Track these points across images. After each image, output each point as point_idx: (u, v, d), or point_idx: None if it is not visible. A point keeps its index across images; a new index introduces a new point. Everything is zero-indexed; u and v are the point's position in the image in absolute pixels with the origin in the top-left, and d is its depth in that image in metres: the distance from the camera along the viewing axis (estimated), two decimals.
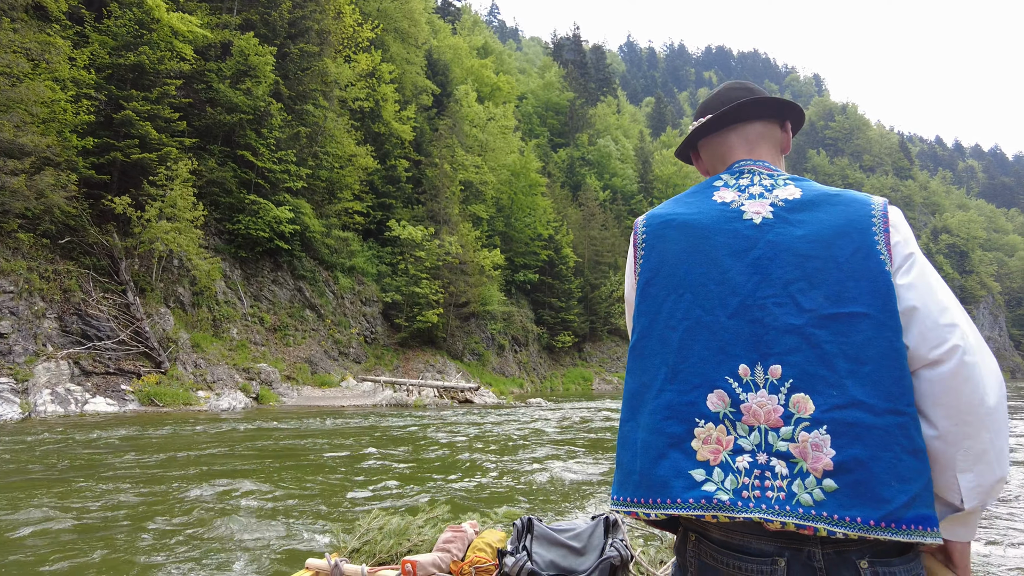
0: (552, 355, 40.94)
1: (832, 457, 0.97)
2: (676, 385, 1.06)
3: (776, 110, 1.28)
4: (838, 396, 0.99)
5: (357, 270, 28.40)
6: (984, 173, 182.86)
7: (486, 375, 31.86)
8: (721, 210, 1.16)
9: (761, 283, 1.08)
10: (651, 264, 1.17)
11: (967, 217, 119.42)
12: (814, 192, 1.14)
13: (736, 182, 1.21)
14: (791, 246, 1.09)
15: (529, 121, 61.03)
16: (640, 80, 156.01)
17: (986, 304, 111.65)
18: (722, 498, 0.99)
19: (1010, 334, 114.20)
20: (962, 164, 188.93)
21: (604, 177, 59.79)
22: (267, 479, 6.96)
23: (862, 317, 1.02)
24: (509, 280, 39.17)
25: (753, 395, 1.03)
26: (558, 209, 45.71)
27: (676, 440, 1.04)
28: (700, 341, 1.07)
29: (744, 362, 1.04)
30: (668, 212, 1.20)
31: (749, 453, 1.01)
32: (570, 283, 42.45)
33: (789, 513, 0.96)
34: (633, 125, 75.65)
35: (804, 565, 0.97)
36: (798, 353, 1.02)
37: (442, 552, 2.41)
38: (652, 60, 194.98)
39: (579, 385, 39.10)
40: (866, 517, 0.94)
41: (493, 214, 38.84)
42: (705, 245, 1.13)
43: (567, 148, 61.58)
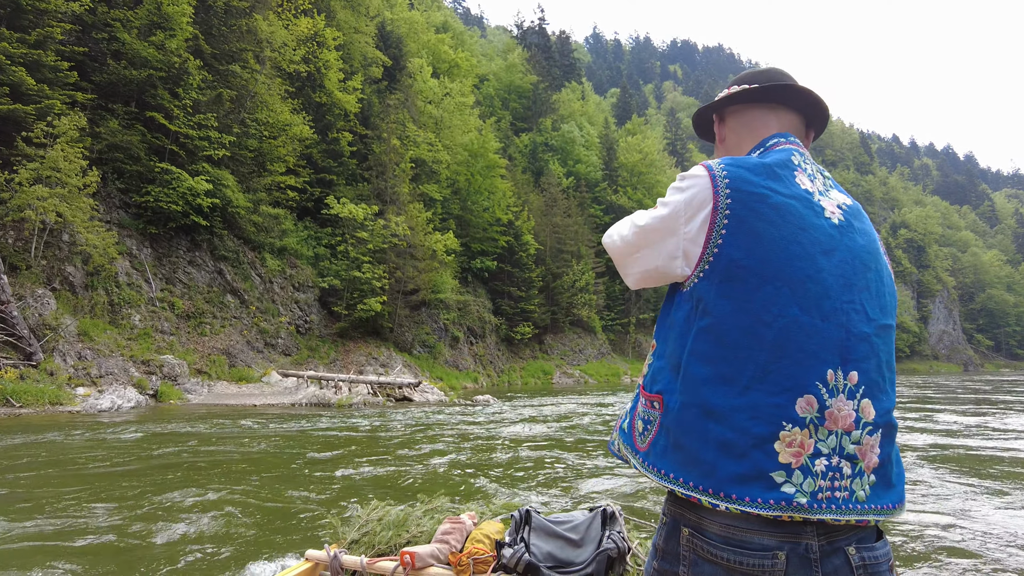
0: (511, 347, 38.47)
1: (878, 455, 1.08)
2: (766, 386, 1.04)
3: (813, 112, 1.29)
4: (886, 401, 1.10)
5: (289, 251, 25.43)
6: (938, 171, 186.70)
7: (437, 369, 29.23)
8: (808, 200, 1.13)
9: (845, 288, 1.10)
10: (741, 241, 1.09)
11: (924, 213, 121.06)
12: (854, 202, 1.20)
13: (805, 166, 1.19)
14: (859, 255, 1.13)
15: (490, 104, 58.29)
16: (606, 71, 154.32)
17: (941, 298, 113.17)
18: (801, 501, 1.01)
19: (963, 328, 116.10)
20: (917, 162, 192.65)
21: (568, 163, 57.48)
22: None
23: (893, 329, 1.13)
24: (465, 267, 36.52)
25: (835, 400, 1.05)
26: (519, 194, 43.19)
27: (760, 441, 1.03)
28: (795, 342, 1.05)
29: (831, 367, 1.06)
30: (762, 183, 1.12)
31: (826, 456, 1.04)
32: (531, 271, 40.00)
33: (851, 511, 1.03)
34: (598, 112, 73.46)
35: (801, 557, 1.01)
36: (868, 361, 1.08)
37: (441, 543, 2.40)
38: (618, 52, 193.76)
39: (539, 379, 36.73)
40: (893, 502, 1.08)
41: (448, 196, 36.10)
42: (803, 237, 1.09)
43: (530, 133, 59.07)
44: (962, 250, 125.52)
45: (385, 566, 2.36)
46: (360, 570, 2.39)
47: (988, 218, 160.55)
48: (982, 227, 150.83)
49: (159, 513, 5.13)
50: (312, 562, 2.47)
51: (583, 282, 44.49)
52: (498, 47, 74.07)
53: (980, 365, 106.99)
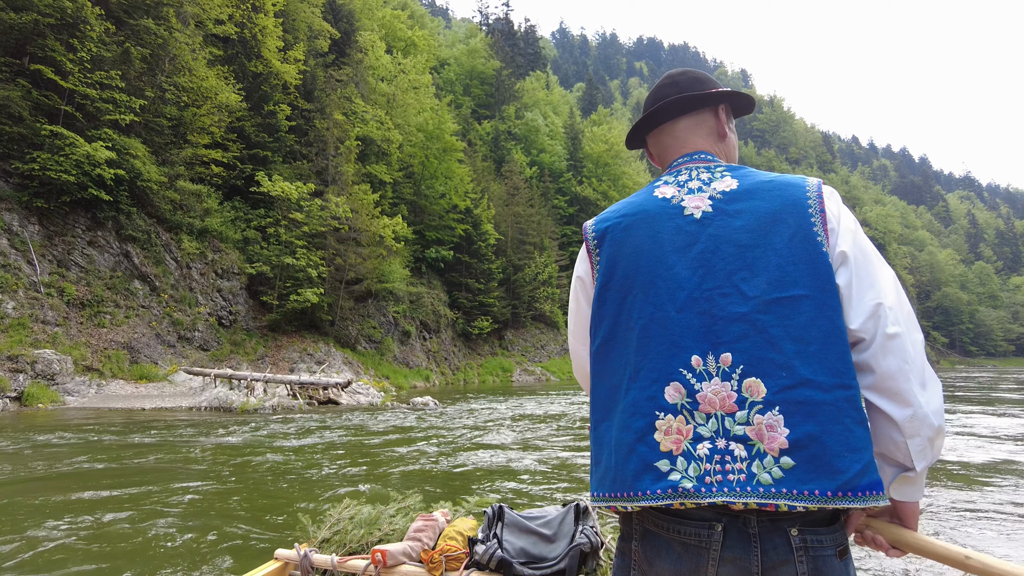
0: (468, 343, 35.94)
1: (787, 436, 1.02)
2: (638, 383, 1.10)
3: (697, 104, 1.30)
4: (787, 377, 1.04)
5: (212, 233, 22.44)
6: (895, 172, 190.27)
7: (384, 366, 26.57)
8: (663, 207, 1.19)
9: (706, 276, 1.11)
10: (604, 269, 1.20)
11: (884, 211, 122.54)
12: (750, 181, 1.19)
13: (675, 179, 1.24)
14: (731, 237, 1.13)
15: (451, 89, 55.64)
16: (572, 66, 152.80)
17: None
18: (687, 486, 1.02)
19: (920, 326, 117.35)
20: (876, 162, 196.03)
21: (532, 153, 55.19)
22: None
23: (804, 299, 1.07)
24: (419, 257, 33.85)
25: (707, 384, 1.07)
26: (479, 181, 40.68)
27: (641, 434, 1.07)
28: (655, 338, 1.11)
29: (696, 353, 1.08)
30: (614, 216, 1.24)
31: (708, 440, 1.05)
32: (490, 263, 37.51)
33: (750, 494, 1.00)
34: (563, 103, 71.29)
35: (740, 531, 1.01)
36: (746, 340, 1.07)
37: (413, 541, 2.38)
38: (584, 48, 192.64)
39: (498, 377, 34.29)
40: (824, 489, 0.99)
41: (399, 179, 33.36)
42: (650, 244, 1.16)
43: (492, 120, 56.60)
44: (919, 249, 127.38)
45: (356, 564, 2.32)
46: (331, 569, 2.34)
47: (942, 218, 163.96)
48: (937, 227, 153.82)
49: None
50: (281, 561, 2.42)
51: (546, 275, 42.20)
52: (460, 35, 71.30)
53: (936, 362, 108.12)
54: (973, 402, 16.78)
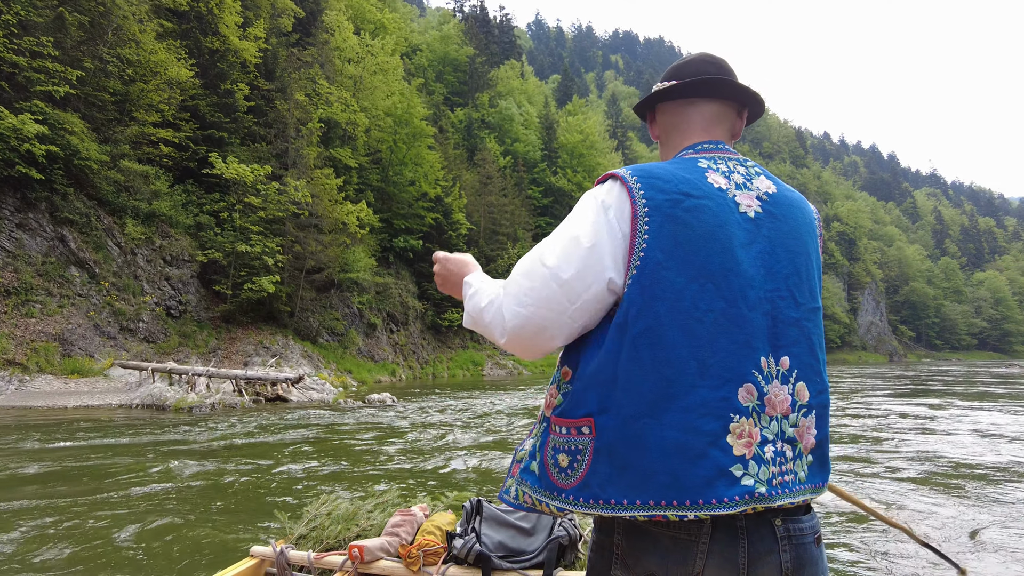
0: (438, 336, 34.77)
1: (815, 436, 1.10)
2: (708, 380, 1.03)
3: (736, 95, 1.29)
4: (819, 383, 1.12)
5: (161, 218, 20.93)
6: (865, 168, 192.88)
7: (347, 360, 25.31)
8: (721, 197, 1.14)
9: (767, 277, 1.11)
10: (663, 244, 1.09)
11: (855, 207, 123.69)
12: (781, 186, 1.21)
13: (718, 166, 1.19)
14: (783, 242, 1.14)
15: (423, 75, 54.13)
16: (547, 58, 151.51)
17: (870, 290, 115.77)
18: (761, 491, 1.01)
19: (888, 319, 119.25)
20: (847, 159, 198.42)
21: (505, 142, 53.96)
22: None
23: (820, 311, 1.16)
24: (386, 246, 32.52)
25: (771, 386, 1.07)
26: (450, 169, 39.42)
27: (714, 438, 1.01)
28: (726, 334, 1.06)
29: (763, 355, 1.07)
30: (671, 188, 1.12)
31: (771, 443, 1.05)
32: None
33: (797, 493, 1.05)
34: (538, 93, 70.10)
35: (727, 524, 1.01)
36: (798, 345, 1.10)
37: (390, 536, 2.36)
38: (560, 39, 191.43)
39: (468, 371, 33.21)
40: (824, 481, 1.12)
41: (366, 164, 31.97)
42: (720, 234, 1.11)
43: (465, 108, 55.23)
44: (888, 244, 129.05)
45: (333, 560, 2.30)
46: (307, 565, 2.31)
47: (910, 214, 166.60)
48: (905, 223, 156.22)
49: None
50: (257, 558, 2.38)
51: None
52: (434, 21, 69.67)
53: (904, 355, 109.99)
54: (968, 397, 16.19)
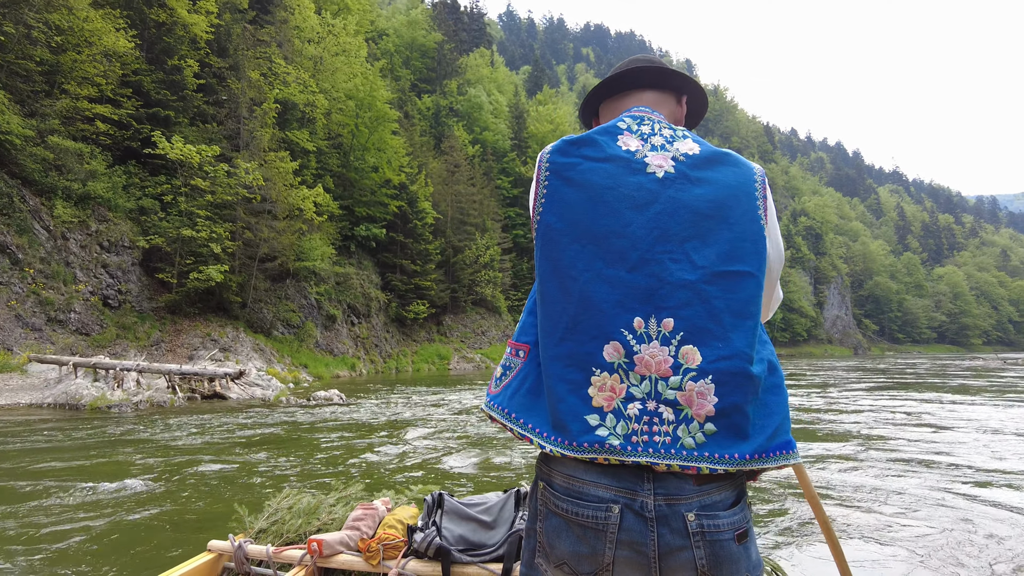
0: (403, 329, 33.53)
1: (715, 404, 1.04)
2: (576, 335, 1.08)
3: (672, 83, 1.31)
4: (723, 348, 1.06)
5: (97, 200, 19.35)
6: (831, 164, 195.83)
7: (303, 354, 23.98)
8: (626, 160, 1.16)
9: (660, 238, 1.10)
10: (555, 207, 1.16)
11: (822, 202, 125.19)
12: (710, 149, 1.18)
13: (639, 128, 1.21)
14: (690, 203, 1.12)
15: (390, 61, 52.54)
16: (518, 49, 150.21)
17: (835, 284, 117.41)
18: (613, 443, 1.02)
19: (853, 313, 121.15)
20: (814, 155, 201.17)
21: (474, 130, 52.72)
22: None
23: (748, 276, 1.10)
24: (347, 234, 31.13)
25: (646, 346, 1.06)
26: (416, 156, 38.09)
27: (576, 386, 1.07)
28: (600, 293, 1.08)
29: (639, 315, 1.07)
30: (575, 152, 1.18)
31: (640, 401, 1.05)
32: (428, 243, 35.09)
33: (674, 456, 1.02)
34: (508, 82, 68.89)
35: (636, 514, 1.01)
36: (689, 308, 1.07)
37: (351, 530, 2.34)
38: (531, 31, 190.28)
39: (434, 365, 32.06)
40: (741, 453, 1.03)
41: (325, 147, 30.51)
42: (609, 196, 1.13)
43: (433, 95, 53.80)
44: (853, 239, 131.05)
45: (292, 554, 2.28)
46: (266, 559, 2.29)
47: (874, 210, 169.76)
48: (869, 218, 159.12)
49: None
50: (215, 553, 2.36)
51: (487, 257, 40.04)
52: (401, 7, 67.90)
53: (867, 349, 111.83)
54: (958, 391, 15.64)
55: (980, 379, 20.85)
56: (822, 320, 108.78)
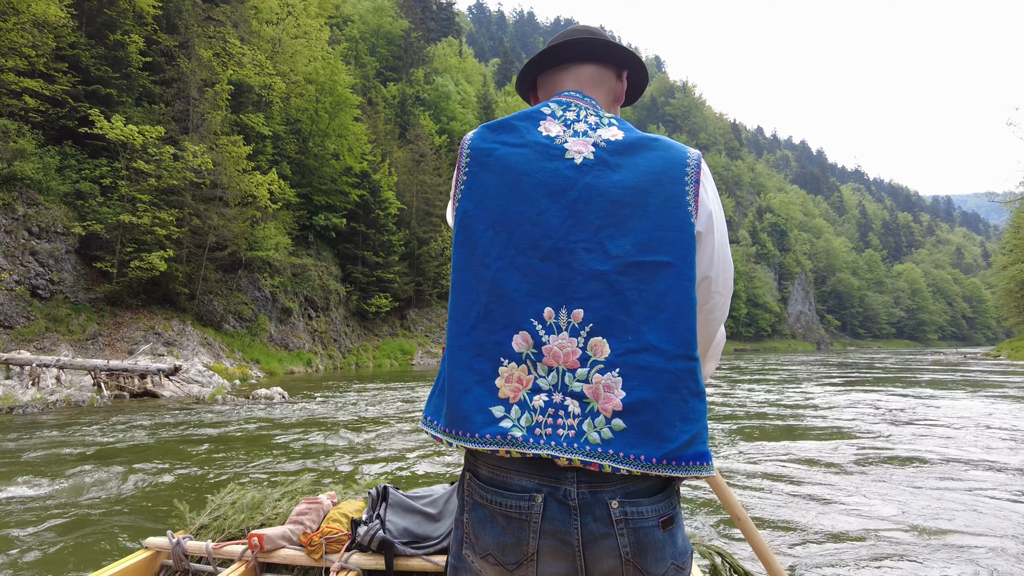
0: (364, 323, 32.40)
1: (622, 399, 0.99)
2: (487, 324, 1.06)
3: (612, 56, 1.26)
4: (633, 341, 1.01)
5: (25, 182, 17.90)
6: (796, 162, 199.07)
7: (255, 349, 22.79)
8: (545, 146, 1.13)
9: (574, 227, 1.07)
10: (472, 193, 1.12)
11: (787, 199, 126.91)
12: (635, 136, 1.14)
13: (563, 114, 1.17)
14: (607, 191, 1.09)
15: (355, 47, 51.06)
16: (488, 41, 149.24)
17: (800, 280, 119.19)
18: (516, 434, 0.99)
19: (816, 309, 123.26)
20: (779, 153, 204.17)
21: (442, 120, 51.63)
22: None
23: (665, 266, 1.04)
24: (305, 224, 29.85)
25: (555, 337, 1.03)
26: (380, 144, 36.90)
27: (483, 377, 1.04)
28: (512, 282, 1.06)
29: (550, 305, 1.05)
30: (494, 139, 1.15)
31: (546, 392, 1.02)
32: (391, 234, 33.97)
33: (576, 450, 0.98)
34: (477, 73, 67.80)
35: (560, 503, 0.98)
36: (600, 299, 1.04)
37: (295, 524, 2.31)
38: (501, 24, 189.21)
39: (396, 360, 31.04)
40: (649, 455, 0.97)
41: (283, 133, 29.19)
42: (525, 183, 1.10)
43: (399, 84, 52.50)
44: (817, 236, 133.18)
45: (233, 550, 2.23)
46: (206, 555, 2.24)
47: (837, 208, 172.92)
48: (832, 216, 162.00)
49: None
50: (152, 551, 2.29)
51: None
52: None
53: (830, 344, 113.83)
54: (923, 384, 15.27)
55: (952, 374, 20.73)
56: (786, 316, 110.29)
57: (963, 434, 8.05)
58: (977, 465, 6.21)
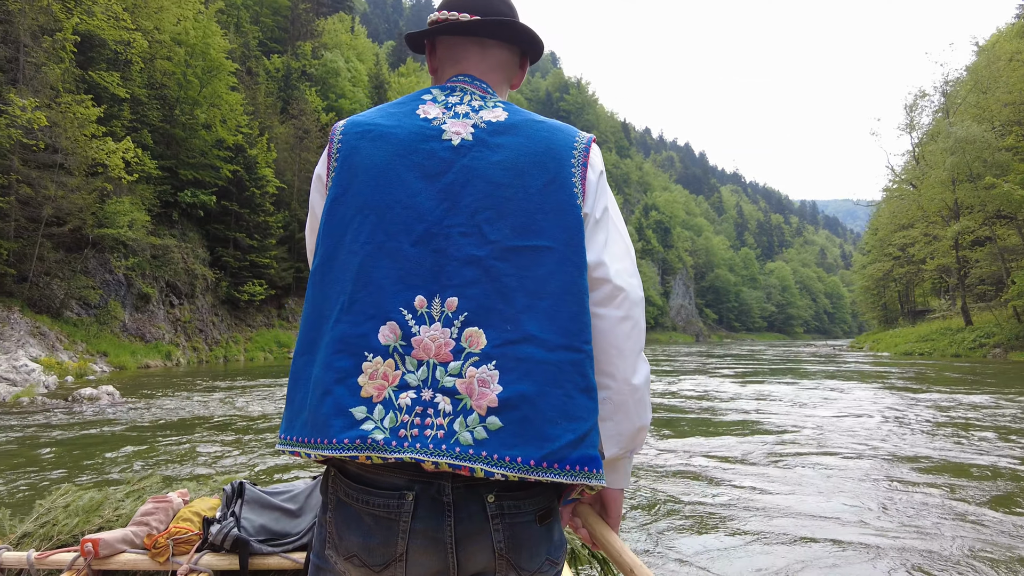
0: (235, 312, 29.67)
1: (498, 393, 0.91)
2: (351, 316, 0.96)
3: (523, 41, 1.20)
4: (512, 331, 0.94)
5: None
6: (680, 163, 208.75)
7: (104, 340, 19.97)
8: (421, 127, 1.06)
9: (450, 210, 1.00)
10: (342, 179, 1.04)
11: (671, 198, 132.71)
12: (520, 116, 1.09)
13: (445, 98, 1.12)
14: (485, 172, 1.02)
15: (236, 15, 47.12)
16: (383, 23, 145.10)
17: (681, 276, 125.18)
18: (377, 437, 0.89)
19: (696, 303, 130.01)
20: (665, 153, 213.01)
21: (330, 97, 48.72)
22: None
23: (546, 251, 0.98)
24: (168, 200, 26.73)
25: (426, 328, 0.95)
26: (259, 117, 34.01)
27: (343, 375, 0.94)
28: (380, 269, 0.97)
29: (422, 293, 0.97)
30: (367, 121, 1.08)
31: (414, 389, 0.93)
32: (268, 215, 31.31)
33: (445, 453, 0.89)
34: (369, 51, 64.95)
35: (433, 499, 0.91)
36: (477, 286, 0.97)
37: (138, 526, 2.08)
38: (398, 8, 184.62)
39: (271, 353, 28.68)
40: (527, 456, 0.89)
41: (144, 97, 25.99)
42: (398, 164, 1.03)
43: (283, 57, 49.05)
44: (698, 234, 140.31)
45: (61, 559, 1.99)
46: (27, 567, 1.97)
47: (717, 208, 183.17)
48: (712, 215, 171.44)
49: None
50: None
51: None
52: None
53: (708, 336, 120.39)
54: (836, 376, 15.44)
55: (836, 365, 21.65)
56: (668, 309, 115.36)
57: (876, 424, 7.77)
58: (894, 458, 6.01)
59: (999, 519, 4.19)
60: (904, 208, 39.22)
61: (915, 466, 5.85)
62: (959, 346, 27.76)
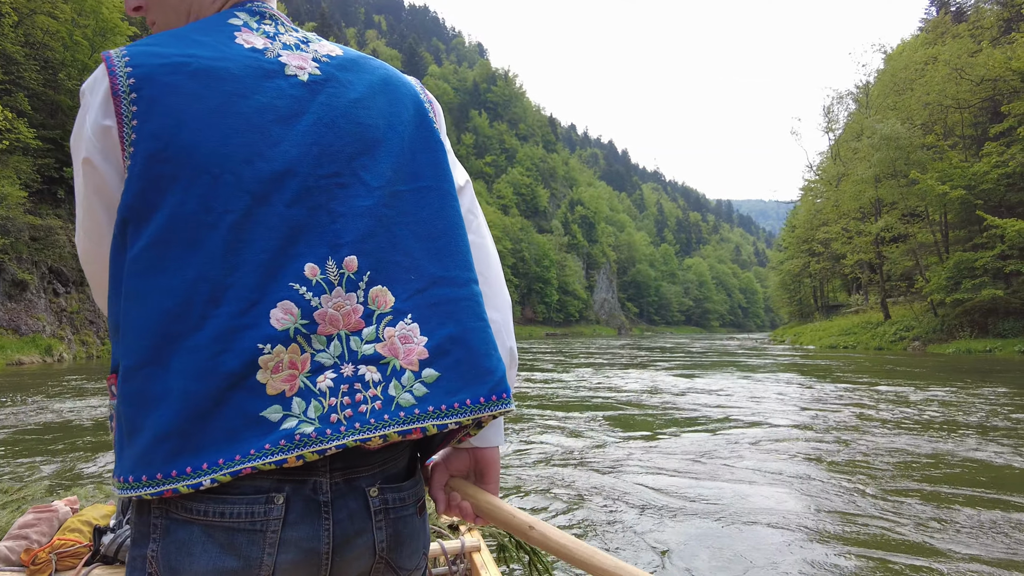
0: None
1: (425, 344, 0.84)
2: (227, 307, 0.77)
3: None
4: (417, 280, 0.87)
5: None
6: (604, 160, 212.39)
7: None
8: (254, 59, 0.86)
9: (321, 158, 0.85)
10: (158, 129, 0.77)
11: (596, 193, 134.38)
12: (353, 52, 0.98)
13: (259, 26, 0.92)
14: (347, 111, 0.89)
15: None
16: (304, 3, 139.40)
17: (605, 270, 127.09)
18: (306, 431, 0.76)
19: (618, 297, 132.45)
20: (589, 150, 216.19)
21: None
22: None
23: (428, 190, 0.92)
24: (52, 176, 23.68)
25: (327, 297, 0.81)
26: None
27: (236, 379, 0.76)
28: (255, 241, 0.79)
29: (311, 260, 0.82)
30: (175, 52, 0.82)
31: (331, 368, 0.80)
32: None
33: (389, 422, 0.79)
34: None
35: (307, 500, 0.78)
36: (372, 240, 0.86)
37: (16, 540, 1.85)
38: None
39: None
40: (476, 395, 0.82)
41: (19, 56, 22.85)
42: (242, 106, 0.82)
43: None
44: (620, 230, 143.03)
45: None
46: None
47: (638, 204, 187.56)
48: (634, 212, 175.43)
49: None
50: None
51: None
52: None
53: (629, 329, 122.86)
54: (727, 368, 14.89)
55: (764, 358, 21.52)
56: (592, 302, 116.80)
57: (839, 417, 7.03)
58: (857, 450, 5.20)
59: (972, 514, 4.10)
60: (822, 206, 40.41)
61: (882, 458, 5.60)
62: (881, 339, 28.57)
